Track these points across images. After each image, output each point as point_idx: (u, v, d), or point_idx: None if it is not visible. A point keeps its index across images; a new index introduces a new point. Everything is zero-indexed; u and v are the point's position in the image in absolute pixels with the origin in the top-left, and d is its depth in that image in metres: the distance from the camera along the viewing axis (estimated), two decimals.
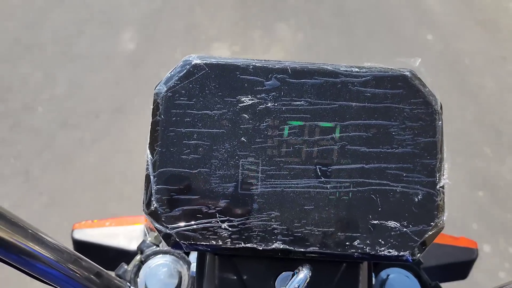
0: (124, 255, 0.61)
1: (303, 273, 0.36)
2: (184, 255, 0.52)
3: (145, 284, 0.49)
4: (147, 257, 0.51)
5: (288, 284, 0.35)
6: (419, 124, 0.40)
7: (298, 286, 0.35)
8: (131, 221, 0.66)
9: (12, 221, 0.32)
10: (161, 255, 0.51)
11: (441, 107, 0.41)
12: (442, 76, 2.53)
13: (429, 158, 0.39)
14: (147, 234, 0.57)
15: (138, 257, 0.52)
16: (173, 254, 0.51)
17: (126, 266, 0.51)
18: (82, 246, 0.63)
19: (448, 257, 0.64)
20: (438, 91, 0.42)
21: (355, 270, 0.42)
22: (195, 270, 0.49)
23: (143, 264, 0.51)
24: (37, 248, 0.33)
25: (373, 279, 0.53)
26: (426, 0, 3.07)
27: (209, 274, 0.43)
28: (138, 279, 0.49)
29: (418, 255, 0.39)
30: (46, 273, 0.35)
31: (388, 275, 0.52)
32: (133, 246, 0.63)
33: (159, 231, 0.38)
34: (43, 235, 0.34)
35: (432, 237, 0.39)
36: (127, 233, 0.65)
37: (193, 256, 0.52)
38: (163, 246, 0.54)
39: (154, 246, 0.53)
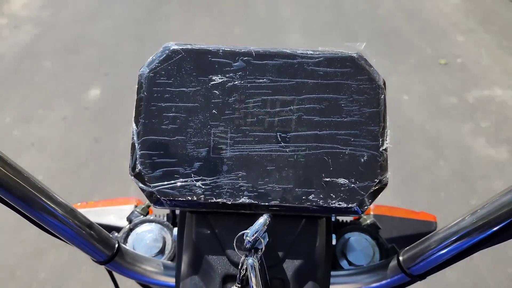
0: (116, 231, 0.67)
1: (263, 218, 0.42)
2: (167, 223, 0.58)
3: (133, 247, 0.55)
4: (135, 225, 0.57)
5: (251, 227, 0.42)
6: (364, 97, 0.47)
7: (258, 229, 0.41)
8: (122, 202, 0.72)
9: (19, 171, 0.38)
10: (147, 223, 0.57)
11: (384, 83, 0.48)
12: None
13: (373, 125, 0.46)
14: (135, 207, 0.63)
15: (127, 226, 0.58)
16: (158, 222, 0.58)
17: (116, 234, 0.57)
18: None
19: (408, 229, 0.70)
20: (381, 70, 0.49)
21: (313, 225, 0.48)
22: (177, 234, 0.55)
23: (131, 231, 0.57)
24: (39, 196, 0.39)
25: (335, 241, 0.59)
26: None
27: (187, 231, 0.49)
28: (127, 244, 0.56)
29: (365, 207, 0.45)
30: (45, 219, 0.41)
31: (349, 238, 0.58)
32: (123, 223, 0.69)
33: (143, 190, 0.45)
34: (44, 186, 0.40)
35: (377, 192, 0.46)
36: (118, 212, 0.71)
37: (175, 229, 0.58)
38: (150, 216, 0.60)
39: (141, 216, 0.59)
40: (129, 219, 0.58)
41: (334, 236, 0.58)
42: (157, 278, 0.51)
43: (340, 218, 0.66)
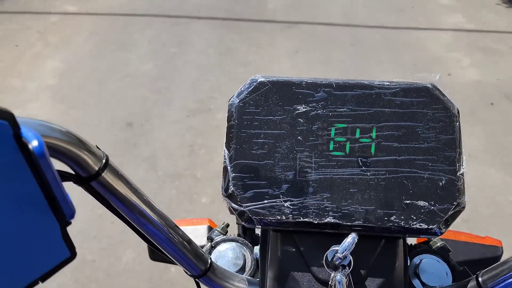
0: None
1: (351, 237, 0.45)
2: (247, 242, 0.62)
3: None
4: (217, 244, 0.61)
5: (340, 245, 0.45)
6: (440, 125, 0.50)
7: (348, 246, 0.45)
8: (196, 222, 0.77)
9: (136, 189, 0.43)
10: (228, 242, 0.61)
11: (458, 112, 0.51)
12: None
13: (450, 151, 0.49)
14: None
15: (208, 244, 0.62)
16: (238, 241, 0.62)
17: None
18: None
19: (475, 254, 0.71)
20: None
21: (392, 246, 0.51)
22: (258, 252, 0.59)
23: (213, 249, 0.61)
24: (150, 213, 0.44)
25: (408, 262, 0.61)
26: None
27: (272, 249, 0.52)
28: None
29: (444, 229, 0.48)
30: (154, 234, 0.45)
31: (421, 260, 0.60)
32: (198, 242, 0.73)
33: (235, 209, 0.49)
34: (154, 203, 0.45)
35: (456, 215, 0.48)
36: (192, 231, 0.75)
37: (255, 248, 0.62)
38: (229, 235, 0.64)
39: (222, 235, 0.64)
40: (210, 238, 0.63)
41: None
42: None
43: (409, 241, 0.68)
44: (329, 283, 0.46)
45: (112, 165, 0.39)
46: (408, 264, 0.61)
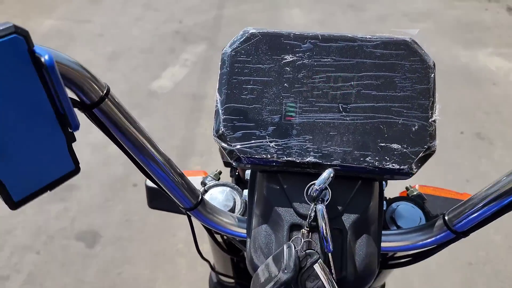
0: None
1: (327, 171, 0.50)
2: (237, 186, 0.67)
3: None
4: (209, 188, 0.66)
5: (318, 179, 0.49)
6: (416, 76, 0.54)
7: (325, 179, 0.49)
8: (192, 174, 0.81)
9: (132, 119, 0.47)
10: (220, 187, 0.66)
11: (434, 64, 0.55)
12: None
13: (424, 100, 0.53)
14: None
15: (201, 189, 0.67)
16: (228, 186, 0.66)
17: None
18: (154, 192, 0.78)
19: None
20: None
21: (368, 187, 0.55)
22: (246, 194, 0.63)
23: (205, 193, 0.66)
24: (147, 144, 0.48)
25: (385, 208, 0.66)
26: None
27: (259, 189, 0.57)
28: None
29: (415, 170, 0.52)
30: (149, 165, 0.49)
31: (397, 206, 0.65)
32: None
33: (224, 149, 0.53)
34: (151, 137, 0.49)
35: (426, 158, 0.53)
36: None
37: (245, 191, 0.66)
38: (221, 181, 0.69)
39: (214, 180, 0.68)
40: (204, 183, 0.67)
41: (384, 203, 0.64)
42: (230, 228, 0.59)
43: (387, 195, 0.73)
44: (309, 213, 0.50)
45: (113, 95, 0.43)
46: (385, 208, 0.66)
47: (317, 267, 0.49)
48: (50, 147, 0.36)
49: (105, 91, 0.42)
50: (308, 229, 0.51)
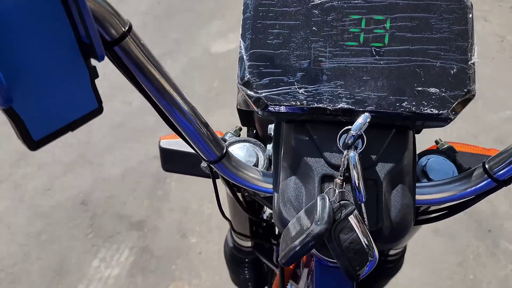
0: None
1: (364, 116, 0.46)
2: (259, 142, 0.64)
3: None
4: (230, 144, 0.63)
5: (354, 124, 0.46)
6: (453, 16, 0.50)
7: (361, 124, 0.46)
8: None
9: (155, 60, 0.43)
10: (241, 142, 0.63)
11: (471, 4, 0.51)
12: None
13: (462, 41, 0.50)
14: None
15: (222, 145, 0.64)
16: (250, 142, 0.63)
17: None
18: (168, 153, 0.75)
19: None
20: None
21: (402, 136, 0.52)
22: (271, 149, 0.61)
23: (227, 149, 0.63)
24: (172, 91, 0.45)
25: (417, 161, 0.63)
26: None
27: (286, 141, 0.54)
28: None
29: (455, 115, 0.49)
30: (173, 112, 0.46)
31: (428, 159, 0.62)
32: None
33: (250, 97, 0.50)
34: (173, 80, 0.45)
35: (466, 102, 0.49)
36: None
37: (268, 146, 0.63)
38: (242, 137, 0.65)
39: (235, 136, 0.65)
40: (224, 139, 0.64)
41: None
42: (256, 183, 0.57)
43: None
44: (342, 160, 0.47)
45: (135, 33, 0.40)
46: (417, 161, 0.63)
47: (351, 219, 0.47)
48: (72, 82, 0.33)
49: (127, 27, 0.38)
50: (342, 178, 0.48)
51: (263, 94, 0.50)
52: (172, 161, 0.76)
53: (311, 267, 0.72)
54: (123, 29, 0.38)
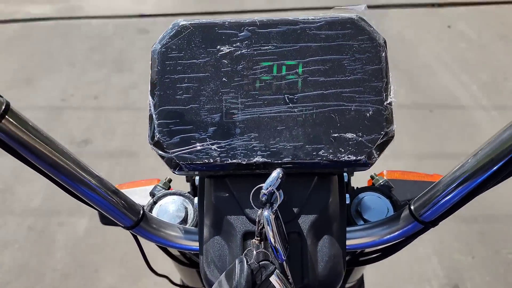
0: None
1: (276, 172, 0.44)
2: (188, 194, 0.61)
3: None
4: (158, 198, 0.60)
5: (266, 182, 0.44)
6: (366, 56, 0.49)
7: (272, 182, 0.44)
8: (144, 183, 0.75)
9: (51, 140, 0.41)
10: (169, 196, 0.60)
11: (384, 42, 0.50)
12: None
13: (377, 81, 0.48)
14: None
15: (151, 199, 0.61)
16: (179, 194, 0.61)
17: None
18: None
19: (422, 191, 0.71)
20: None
21: (325, 182, 0.50)
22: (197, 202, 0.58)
23: (155, 204, 0.60)
24: (69, 164, 0.42)
25: (349, 200, 0.61)
26: None
27: (207, 196, 0.52)
28: None
29: (374, 159, 0.47)
30: (75, 186, 0.43)
31: (362, 197, 0.60)
32: (147, 201, 0.72)
33: (162, 157, 0.48)
34: (73, 155, 0.43)
35: (384, 144, 0.48)
36: (141, 192, 0.74)
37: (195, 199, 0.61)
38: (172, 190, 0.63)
39: (163, 190, 0.63)
40: (152, 194, 0.62)
41: (348, 196, 0.60)
42: (180, 242, 0.54)
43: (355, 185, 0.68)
44: (257, 220, 0.45)
45: (15, 111, 0.37)
46: (350, 202, 0.61)
47: (273, 280, 0.44)
48: None
49: (3, 108, 0.36)
50: (259, 238, 0.46)
51: (174, 154, 0.47)
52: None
53: None
54: None
